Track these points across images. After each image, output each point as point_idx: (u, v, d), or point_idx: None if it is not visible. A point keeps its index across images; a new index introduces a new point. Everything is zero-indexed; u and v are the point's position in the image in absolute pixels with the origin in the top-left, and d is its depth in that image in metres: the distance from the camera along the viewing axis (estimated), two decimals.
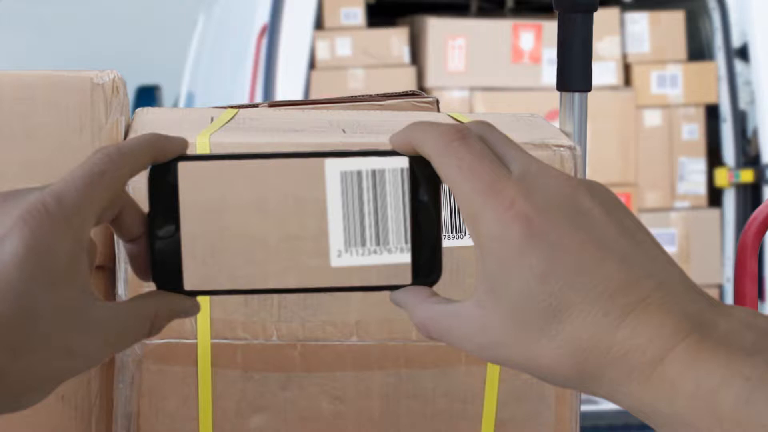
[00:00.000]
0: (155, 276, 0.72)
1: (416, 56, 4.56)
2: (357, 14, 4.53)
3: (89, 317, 0.67)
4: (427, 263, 0.72)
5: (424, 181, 0.71)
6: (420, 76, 4.52)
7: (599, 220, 0.64)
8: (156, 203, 0.71)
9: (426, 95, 1.25)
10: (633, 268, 0.62)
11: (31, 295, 0.65)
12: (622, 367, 0.61)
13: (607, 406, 4.29)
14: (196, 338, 1.05)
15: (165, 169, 0.71)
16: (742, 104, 4.56)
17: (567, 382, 0.64)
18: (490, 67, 4.49)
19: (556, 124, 1.18)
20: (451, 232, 0.95)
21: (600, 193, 0.65)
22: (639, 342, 0.61)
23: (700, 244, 4.44)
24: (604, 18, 4.44)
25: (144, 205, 0.72)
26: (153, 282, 0.72)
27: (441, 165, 0.66)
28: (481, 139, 0.67)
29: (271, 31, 4.31)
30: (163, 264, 0.72)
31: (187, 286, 0.72)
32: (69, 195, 0.67)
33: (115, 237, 1.02)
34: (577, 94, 1.18)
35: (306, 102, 1.26)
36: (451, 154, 0.66)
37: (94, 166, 0.68)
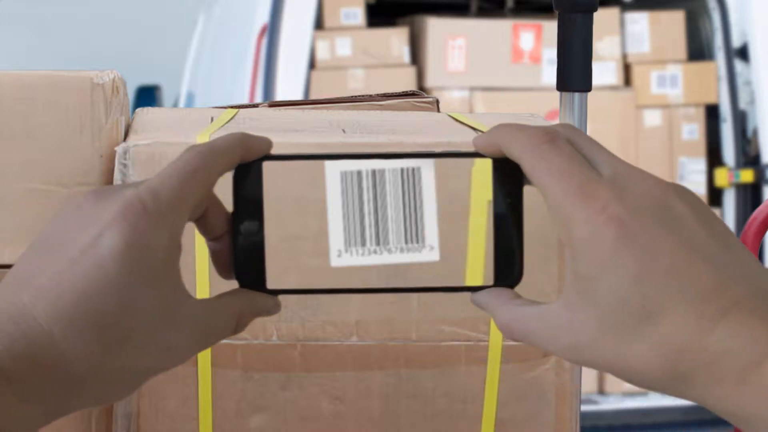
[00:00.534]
0: (238, 274, 0.72)
1: (416, 56, 4.56)
2: (357, 14, 4.53)
3: (181, 314, 0.68)
4: (509, 265, 0.72)
5: (506, 183, 0.71)
6: (420, 76, 4.52)
7: (690, 223, 0.64)
8: (241, 202, 0.72)
9: (426, 95, 1.25)
10: (725, 271, 0.63)
11: (128, 290, 0.65)
12: (716, 370, 0.62)
13: (607, 406, 4.29)
14: None
15: (250, 168, 0.72)
16: (742, 104, 4.56)
17: (657, 384, 0.64)
18: (490, 67, 4.49)
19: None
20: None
21: (689, 196, 0.66)
22: (733, 345, 0.61)
23: None
24: (604, 18, 4.44)
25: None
26: (236, 280, 0.72)
27: (531, 167, 0.66)
28: (569, 142, 0.67)
29: (271, 31, 4.31)
30: (246, 263, 0.72)
31: (270, 284, 0.72)
32: (165, 192, 0.67)
33: None
34: (577, 94, 1.18)
35: (306, 102, 1.26)
36: (541, 157, 0.66)
37: (187, 164, 0.69)
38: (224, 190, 0.72)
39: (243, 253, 0.72)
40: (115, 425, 1.06)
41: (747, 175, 4.50)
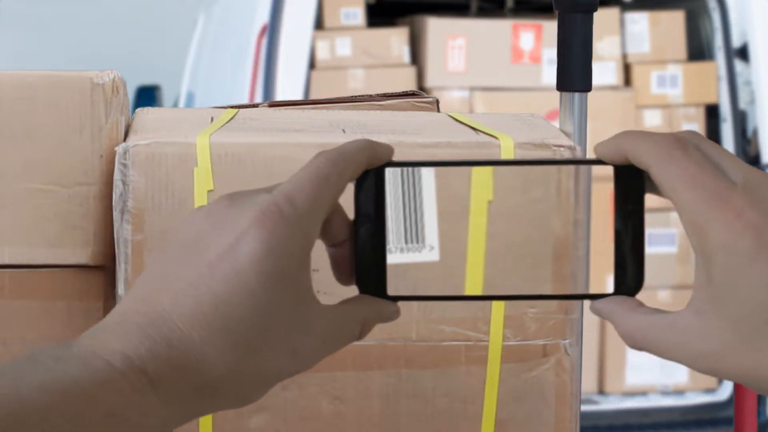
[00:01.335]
0: (359, 281, 0.73)
1: (416, 56, 4.56)
2: (357, 14, 4.53)
3: (312, 319, 0.69)
4: (632, 273, 0.71)
5: (629, 191, 0.70)
6: (420, 76, 4.52)
7: None
8: (363, 208, 0.72)
9: (426, 95, 1.25)
10: None
11: (266, 296, 0.66)
12: None
13: (607, 406, 4.29)
14: None
15: (372, 174, 0.72)
16: (742, 104, 4.56)
17: None
18: (490, 67, 4.49)
19: (556, 124, 1.18)
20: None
21: None
22: None
23: None
24: (604, 18, 4.44)
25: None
26: (357, 286, 0.73)
27: (661, 174, 0.66)
28: (697, 149, 0.67)
29: (271, 31, 4.31)
30: (367, 269, 0.72)
31: (390, 291, 0.72)
32: (299, 197, 0.68)
33: (115, 236, 1.02)
34: (577, 94, 1.18)
35: (306, 102, 1.26)
36: (673, 164, 0.65)
37: (318, 170, 0.69)
38: None
39: (364, 260, 0.72)
40: None
41: None
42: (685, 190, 0.65)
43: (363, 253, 0.72)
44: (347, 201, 0.72)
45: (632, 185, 0.70)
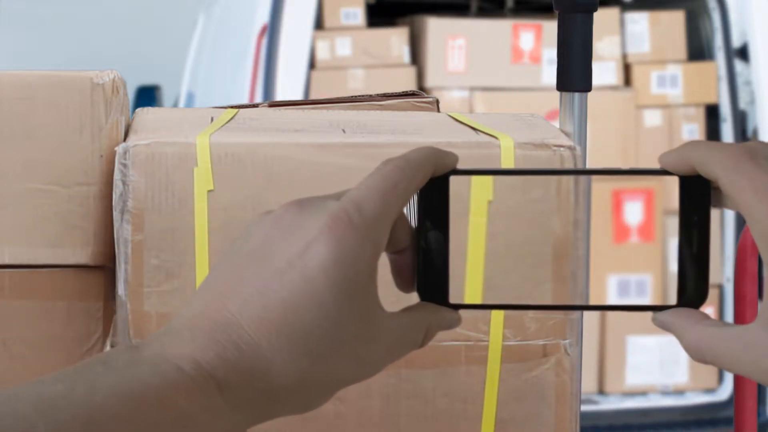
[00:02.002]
0: (420, 288, 0.73)
1: (416, 56, 4.55)
2: (357, 14, 4.53)
3: (377, 326, 0.69)
4: (695, 284, 0.70)
5: (695, 202, 0.70)
6: (420, 76, 4.51)
7: None
8: (426, 215, 0.72)
9: (426, 95, 1.25)
10: None
11: (334, 303, 0.66)
12: None
13: (607, 406, 4.29)
14: None
15: (437, 181, 0.72)
16: (742, 104, 4.56)
17: None
18: (490, 67, 4.48)
19: (556, 124, 1.18)
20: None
21: None
22: None
23: None
24: (604, 18, 4.44)
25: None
26: (418, 294, 0.73)
27: (732, 185, 0.65)
28: (767, 159, 0.66)
29: (271, 31, 4.31)
30: (429, 277, 0.72)
31: (452, 299, 0.73)
32: (368, 205, 0.68)
33: (115, 236, 1.02)
34: (577, 94, 1.18)
35: (306, 102, 1.26)
36: (743, 175, 0.65)
37: (387, 178, 0.69)
38: None
39: (427, 268, 0.72)
40: None
41: None
42: (756, 201, 0.64)
43: (425, 261, 0.72)
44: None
45: (698, 196, 0.69)
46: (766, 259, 0.65)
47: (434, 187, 0.72)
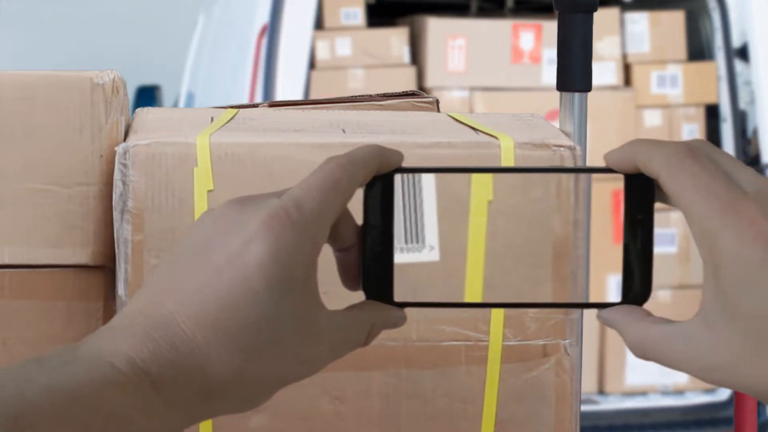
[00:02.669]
0: (366, 286, 0.73)
1: (416, 56, 4.56)
2: (357, 14, 4.53)
3: (318, 325, 0.69)
4: (639, 282, 0.71)
5: (639, 199, 0.70)
6: (420, 76, 4.52)
7: None
8: (371, 214, 0.72)
9: (426, 95, 1.25)
10: None
11: (272, 300, 0.66)
12: None
13: (607, 406, 4.29)
14: None
15: (382, 180, 0.72)
16: (742, 104, 4.56)
17: None
18: (490, 67, 4.48)
19: (556, 124, 1.18)
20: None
21: None
22: None
23: None
24: (604, 18, 4.44)
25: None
26: (363, 292, 0.73)
27: (672, 183, 0.66)
28: (709, 158, 0.66)
29: (271, 31, 4.31)
30: (374, 275, 0.72)
31: (397, 297, 0.73)
32: (308, 202, 0.68)
33: (115, 236, 1.02)
34: (577, 94, 1.18)
35: (306, 102, 1.26)
36: (684, 172, 0.65)
37: (328, 175, 0.69)
38: None
39: (371, 265, 0.72)
40: None
41: None
42: (696, 199, 0.64)
43: (370, 259, 0.72)
44: (356, 206, 0.72)
45: (642, 194, 0.70)
46: (704, 257, 0.65)
47: (379, 185, 0.72)
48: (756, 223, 0.62)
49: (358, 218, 0.73)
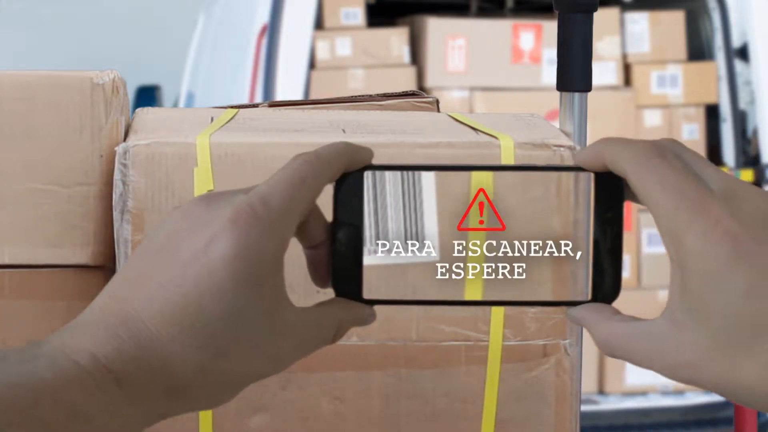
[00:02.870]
0: (335, 283, 0.73)
1: (416, 56, 4.56)
2: (357, 14, 4.53)
3: (285, 321, 0.68)
4: (608, 280, 0.71)
5: (608, 198, 0.71)
6: (420, 76, 4.52)
7: None
8: (340, 211, 0.72)
9: (426, 95, 1.25)
10: None
11: (237, 297, 0.66)
12: None
13: (607, 406, 4.29)
14: None
15: (351, 177, 0.72)
16: (742, 104, 4.56)
17: (767, 404, 0.63)
18: (490, 67, 4.49)
19: (556, 124, 1.18)
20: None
21: None
22: None
23: None
24: (604, 18, 4.44)
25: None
26: (333, 289, 0.73)
27: (640, 182, 0.66)
28: (677, 157, 0.66)
29: (271, 31, 4.31)
30: (343, 272, 0.72)
31: (366, 294, 0.73)
32: (274, 199, 0.68)
33: (115, 236, 1.02)
34: (577, 94, 1.18)
35: (306, 102, 1.26)
36: (652, 171, 0.65)
37: (295, 172, 0.69)
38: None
39: (341, 263, 0.72)
40: None
41: (747, 175, 4.49)
42: (662, 197, 0.64)
43: (339, 256, 0.72)
44: (326, 203, 0.73)
45: (611, 193, 0.70)
46: (671, 256, 0.65)
47: (349, 183, 0.72)
48: (722, 222, 0.63)
49: (329, 215, 0.73)
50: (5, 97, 1.04)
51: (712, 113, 4.59)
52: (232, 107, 1.22)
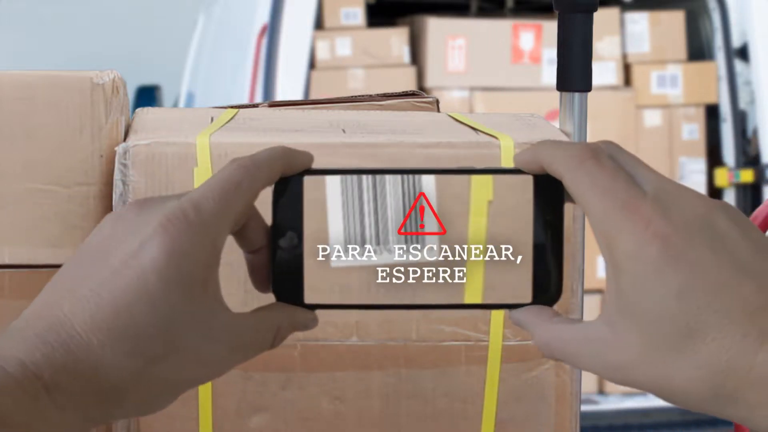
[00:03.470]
0: (276, 288, 0.72)
1: (416, 56, 4.56)
2: (357, 14, 4.53)
3: (219, 326, 0.68)
4: (549, 282, 0.72)
5: (548, 200, 0.71)
6: (420, 76, 4.52)
7: (736, 241, 0.63)
8: (280, 216, 0.72)
9: (426, 95, 1.25)
10: None
11: (168, 302, 0.65)
12: (763, 390, 0.61)
13: (607, 406, 4.29)
14: None
15: (291, 182, 0.72)
16: (742, 104, 4.56)
17: (701, 404, 0.63)
18: (490, 67, 4.49)
19: (556, 124, 1.18)
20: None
21: (735, 214, 0.65)
22: None
23: None
24: (604, 18, 4.44)
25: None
26: (273, 294, 0.72)
27: (573, 183, 0.66)
28: (612, 159, 0.67)
29: (271, 31, 4.31)
30: (284, 277, 0.72)
31: (308, 299, 0.72)
32: (207, 204, 0.67)
33: None
34: (577, 94, 1.18)
35: (306, 102, 1.26)
36: (584, 173, 0.65)
37: (230, 176, 0.69)
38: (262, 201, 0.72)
39: (281, 267, 0.72)
40: (115, 425, 1.06)
41: (747, 175, 4.50)
42: (595, 198, 0.64)
43: (280, 261, 0.72)
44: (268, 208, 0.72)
45: (551, 195, 0.70)
46: (605, 257, 0.65)
47: (288, 187, 0.72)
48: (652, 222, 0.63)
49: (269, 220, 0.72)
50: (5, 97, 1.04)
51: (712, 113, 4.59)
52: (232, 107, 1.22)
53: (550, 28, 4.46)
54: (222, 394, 1.05)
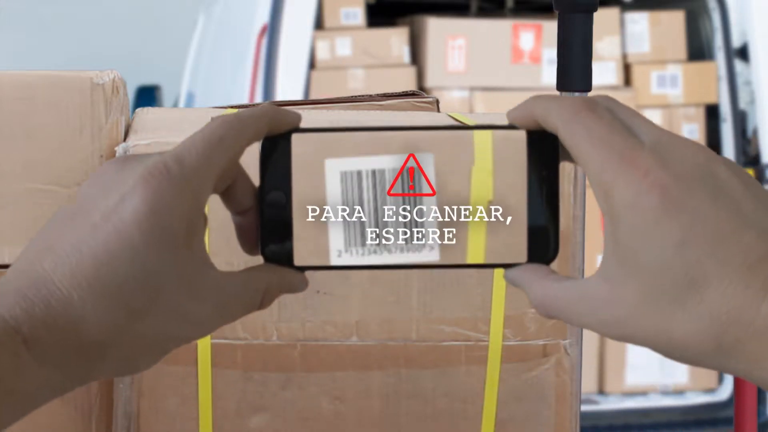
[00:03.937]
0: (264, 250, 0.71)
1: (416, 56, 4.56)
2: (357, 14, 4.53)
3: (204, 283, 0.67)
4: (544, 240, 0.70)
5: (542, 156, 0.69)
6: (420, 76, 4.52)
7: (737, 191, 0.62)
8: (268, 175, 0.70)
9: (426, 95, 1.25)
10: None
11: (150, 255, 0.64)
12: (765, 342, 0.59)
13: (607, 406, 4.29)
14: None
15: (278, 141, 0.70)
16: (742, 104, 4.56)
17: (701, 357, 0.61)
18: (490, 67, 4.49)
19: None
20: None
21: (733, 165, 0.64)
22: None
23: None
24: (604, 18, 4.44)
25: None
26: (262, 256, 0.71)
27: (569, 136, 0.64)
28: (608, 110, 0.65)
29: (271, 31, 4.31)
30: (273, 238, 0.70)
31: (297, 261, 0.71)
32: (189, 157, 0.66)
33: None
34: (577, 94, 1.18)
35: (306, 102, 1.26)
36: (580, 125, 0.64)
37: (213, 131, 0.68)
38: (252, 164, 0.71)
39: (269, 228, 0.70)
40: (114, 425, 1.06)
41: None
42: (592, 150, 0.63)
43: (268, 222, 0.70)
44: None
45: (545, 151, 0.69)
46: (603, 210, 0.63)
47: (276, 147, 0.70)
48: (650, 172, 0.61)
49: (257, 181, 0.71)
50: (5, 97, 1.04)
51: (712, 113, 4.59)
52: (232, 107, 1.22)
53: (550, 28, 4.46)
54: (222, 394, 1.05)
